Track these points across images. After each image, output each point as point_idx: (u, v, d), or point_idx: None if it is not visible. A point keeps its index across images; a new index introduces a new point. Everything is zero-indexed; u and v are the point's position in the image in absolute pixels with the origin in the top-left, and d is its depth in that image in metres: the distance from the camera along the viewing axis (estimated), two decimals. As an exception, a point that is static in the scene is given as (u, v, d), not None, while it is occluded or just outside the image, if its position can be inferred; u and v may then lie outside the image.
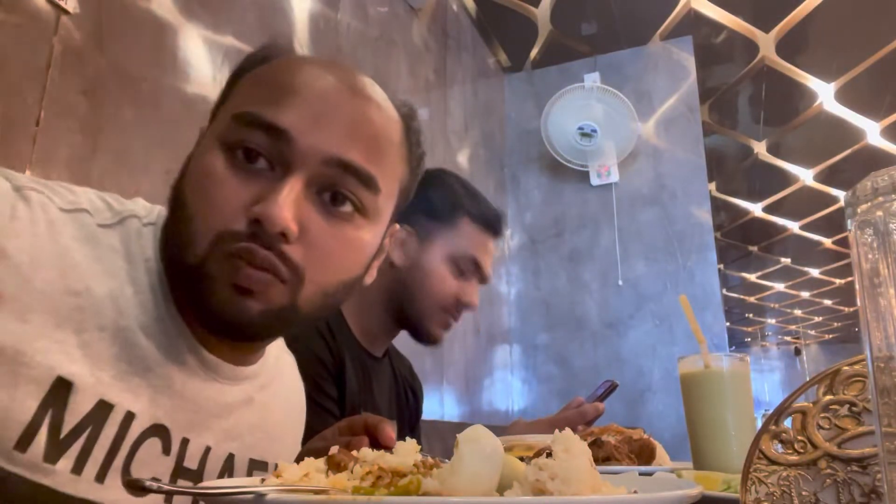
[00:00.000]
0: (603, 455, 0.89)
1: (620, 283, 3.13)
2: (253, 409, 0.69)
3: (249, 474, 0.68)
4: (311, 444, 0.74)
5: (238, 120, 0.57)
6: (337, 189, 0.58)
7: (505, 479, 0.41)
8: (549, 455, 0.40)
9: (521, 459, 0.45)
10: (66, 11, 1.11)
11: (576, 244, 3.27)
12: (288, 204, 0.54)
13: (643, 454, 0.93)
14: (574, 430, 1.08)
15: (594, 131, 3.15)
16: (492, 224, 1.18)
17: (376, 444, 0.67)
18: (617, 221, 3.20)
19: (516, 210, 3.44)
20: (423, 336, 1.15)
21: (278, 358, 0.76)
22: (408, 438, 0.47)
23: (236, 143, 0.56)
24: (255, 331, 0.57)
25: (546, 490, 0.38)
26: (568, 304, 3.22)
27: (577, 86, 3.25)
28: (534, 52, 3.42)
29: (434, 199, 1.16)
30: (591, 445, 0.70)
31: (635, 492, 0.43)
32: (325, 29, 1.94)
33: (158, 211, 0.63)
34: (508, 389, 3.22)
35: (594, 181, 3.26)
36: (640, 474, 0.50)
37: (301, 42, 1.82)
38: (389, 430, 0.69)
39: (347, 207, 0.59)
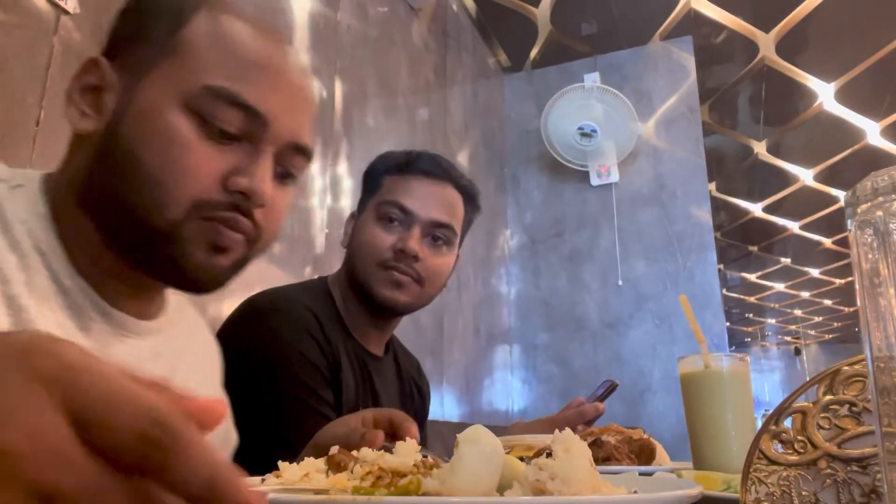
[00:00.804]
0: (603, 455, 0.89)
1: (620, 283, 3.13)
2: (162, 364, 0.68)
3: None
4: (333, 428, 0.74)
5: (213, 94, 0.59)
6: (289, 166, 0.66)
7: (505, 479, 0.41)
8: (549, 455, 0.40)
9: (521, 459, 0.45)
10: (66, 11, 1.11)
11: (576, 244, 3.27)
12: (268, 180, 0.61)
13: (643, 454, 0.93)
14: (574, 429, 1.06)
15: (594, 131, 3.15)
16: (418, 167, 1.13)
17: (398, 440, 0.68)
18: (617, 221, 3.20)
19: (516, 210, 3.44)
20: (377, 302, 1.09)
21: (180, 310, 0.76)
22: (408, 439, 0.47)
23: (208, 116, 0.59)
24: (221, 282, 0.63)
25: (546, 490, 0.38)
26: (568, 304, 3.22)
27: (577, 86, 3.25)
28: (534, 52, 3.42)
29: (365, 175, 1.19)
30: (591, 445, 0.70)
31: (635, 492, 0.44)
32: (325, 29, 1.94)
33: (23, 173, 0.62)
34: (508, 389, 3.22)
35: (594, 181, 3.26)
36: (640, 474, 0.50)
37: (301, 42, 1.82)
38: (414, 429, 0.71)
39: (291, 178, 0.68)
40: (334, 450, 0.48)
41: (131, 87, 0.60)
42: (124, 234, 0.60)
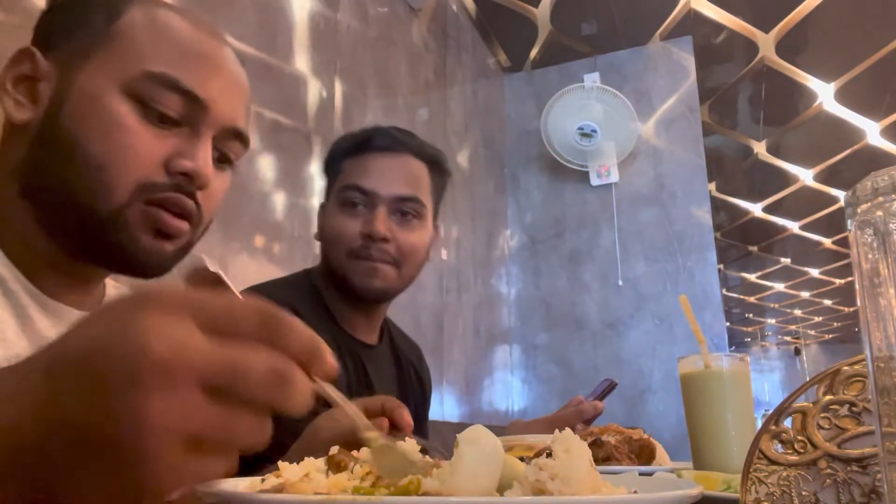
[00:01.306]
0: (603, 455, 0.89)
1: (620, 283, 3.13)
2: None
3: None
4: (327, 427, 0.72)
5: (153, 79, 0.60)
6: (226, 151, 0.68)
7: (505, 479, 0.41)
8: (549, 455, 0.40)
9: (521, 459, 0.45)
10: (65, 11, 1.11)
11: (576, 244, 3.27)
12: (209, 162, 0.63)
13: (643, 454, 0.93)
14: (573, 428, 1.04)
15: (594, 131, 3.15)
16: (374, 144, 1.08)
17: (393, 427, 0.68)
18: (617, 221, 3.20)
19: (516, 210, 3.44)
20: (356, 293, 1.06)
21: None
22: (407, 439, 0.47)
23: (149, 100, 0.60)
24: (167, 267, 0.64)
25: (546, 490, 0.38)
26: (568, 304, 3.22)
27: (577, 86, 3.25)
28: (534, 52, 3.42)
29: (325, 164, 1.16)
30: (591, 445, 0.70)
31: (635, 492, 0.44)
32: (325, 29, 1.94)
33: None
34: (508, 389, 3.22)
35: (594, 181, 3.26)
36: (640, 474, 0.50)
37: (301, 42, 1.83)
38: (406, 415, 0.70)
39: (228, 162, 0.70)
40: (334, 450, 0.48)
41: (69, 75, 0.61)
42: (69, 221, 0.60)
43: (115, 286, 0.75)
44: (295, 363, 0.31)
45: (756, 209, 5.30)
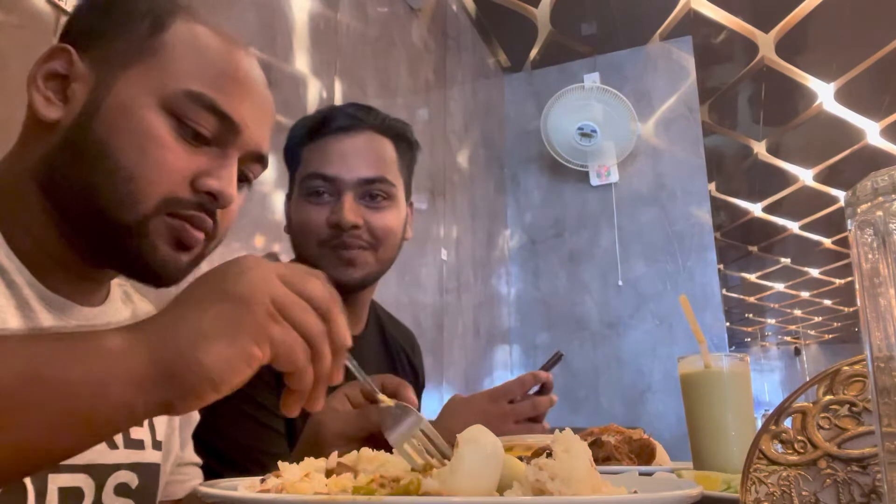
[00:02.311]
0: (603, 455, 0.89)
1: (620, 283, 3.13)
2: None
3: None
4: (331, 423, 0.71)
5: (192, 98, 0.61)
6: (247, 171, 0.70)
7: (505, 479, 0.41)
8: (549, 455, 0.40)
9: (521, 459, 0.45)
10: (66, 12, 1.11)
11: (576, 244, 3.27)
12: (234, 183, 0.65)
13: (643, 454, 0.93)
14: (514, 398, 0.98)
15: (594, 131, 3.15)
16: (317, 126, 1.02)
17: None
18: (617, 221, 3.20)
19: (516, 210, 3.44)
20: (333, 283, 1.04)
21: (128, 299, 0.76)
22: (414, 440, 0.47)
23: (185, 118, 0.61)
24: (181, 277, 0.66)
25: (546, 490, 0.38)
26: (568, 304, 3.22)
27: (577, 86, 3.25)
28: (533, 53, 3.42)
29: (284, 154, 1.08)
30: (591, 445, 0.70)
31: (635, 492, 0.44)
32: (325, 29, 1.94)
33: None
34: (508, 389, 3.22)
35: (594, 181, 3.26)
36: (640, 474, 0.50)
37: (301, 42, 1.83)
38: (410, 391, 0.70)
39: (247, 182, 0.72)
40: (332, 463, 0.48)
41: (107, 81, 0.61)
42: (88, 226, 0.60)
43: (119, 284, 0.75)
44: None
45: (756, 209, 5.30)
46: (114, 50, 0.62)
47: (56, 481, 0.58)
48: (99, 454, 0.63)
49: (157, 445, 0.72)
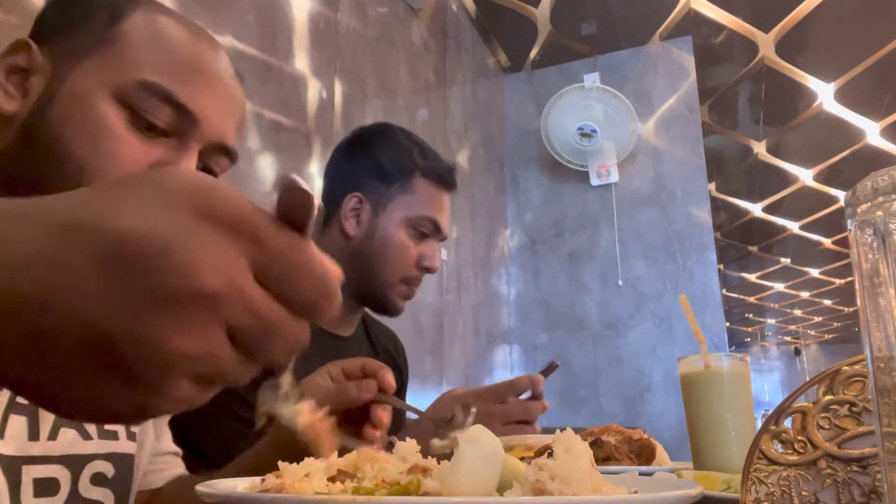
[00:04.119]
0: (603, 455, 0.89)
1: (620, 283, 3.13)
2: None
3: None
4: (315, 393, 0.70)
5: (146, 88, 0.60)
6: (212, 164, 0.67)
7: (505, 479, 0.41)
8: (550, 455, 0.40)
9: (521, 459, 0.45)
10: (65, 12, 1.11)
11: (576, 244, 3.27)
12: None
13: (643, 454, 0.93)
14: (504, 398, 0.99)
15: (594, 131, 3.15)
16: (446, 179, 1.13)
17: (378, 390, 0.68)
18: (617, 221, 3.20)
19: (516, 210, 3.44)
20: (388, 309, 1.10)
21: None
22: (408, 439, 0.47)
23: (139, 109, 0.60)
24: None
25: (546, 490, 0.38)
26: (568, 304, 3.22)
27: (577, 86, 3.25)
28: (533, 53, 3.42)
29: (385, 160, 1.10)
30: (591, 445, 0.70)
31: (635, 492, 0.44)
32: (325, 29, 1.94)
33: None
34: (508, 389, 3.22)
35: (594, 181, 3.26)
36: (640, 474, 0.50)
37: (301, 42, 1.82)
38: (390, 375, 0.70)
39: (212, 174, 0.68)
40: (332, 471, 0.48)
41: (62, 72, 0.61)
42: None
43: None
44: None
45: (756, 209, 5.30)
46: (71, 41, 0.62)
47: (30, 473, 0.58)
48: (72, 445, 0.63)
49: (131, 436, 0.72)
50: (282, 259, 0.28)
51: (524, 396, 1.03)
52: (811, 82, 3.60)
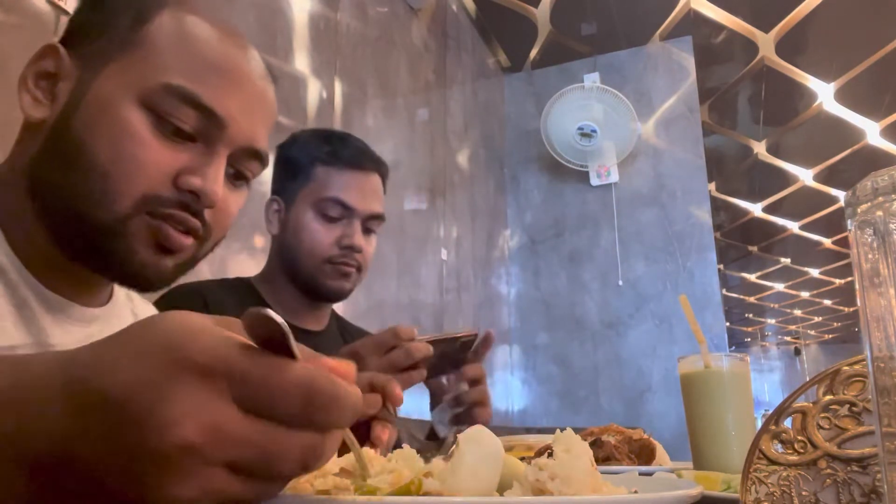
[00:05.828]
0: (603, 455, 0.89)
1: (620, 283, 3.13)
2: None
3: None
4: None
5: (171, 92, 0.58)
6: (243, 169, 0.66)
7: (505, 479, 0.41)
8: (550, 455, 0.40)
9: (522, 459, 0.45)
10: (66, 12, 1.11)
11: (576, 244, 3.27)
12: (220, 181, 0.61)
13: (643, 454, 0.93)
14: (386, 350, 0.94)
15: (594, 131, 3.15)
16: (348, 159, 1.14)
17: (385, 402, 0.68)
18: (617, 221, 3.20)
19: (516, 210, 3.44)
20: (323, 294, 1.13)
21: (129, 298, 0.75)
22: (405, 446, 0.47)
23: (164, 113, 0.58)
24: (166, 282, 0.62)
25: (546, 490, 0.38)
26: (568, 304, 3.22)
27: (577, 86, 3.25)
28: (533, 53, 3.42)
29: (287, 160, 1.18)
30: (591, 445, 0.71)
31: (635, 492, 0.44)
32: (325, 29, 1.94)
33: None
34: (508, 389, 3.22)
35: (594, 181, 3.26)
36: (640, 474, 0.50)
37: (301, 42, 1.82)
38: (398, 388, 0.69)
39: (244, 180, 0.67)
40: (335, 470, 0.48)
41: (88, 77, 0.59)
42: (69, 226, 0.59)
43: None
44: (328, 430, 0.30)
45: (756, 209, 5.30)
46: (97, 45, 0.60)
47: None
48: None
49: None
50: (261, 385, 0.28)
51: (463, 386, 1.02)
52: (811, 82, 3.60)
